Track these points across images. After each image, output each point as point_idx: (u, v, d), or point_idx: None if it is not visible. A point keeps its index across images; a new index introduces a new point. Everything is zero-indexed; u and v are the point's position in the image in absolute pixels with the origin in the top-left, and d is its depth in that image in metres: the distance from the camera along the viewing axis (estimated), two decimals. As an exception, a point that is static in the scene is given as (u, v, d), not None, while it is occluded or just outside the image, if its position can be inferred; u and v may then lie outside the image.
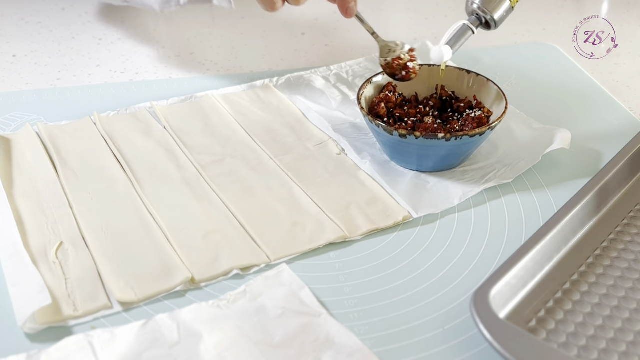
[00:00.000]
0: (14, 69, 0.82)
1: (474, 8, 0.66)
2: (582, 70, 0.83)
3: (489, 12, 0.66)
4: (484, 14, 0.66)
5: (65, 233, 0.56)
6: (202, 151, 0.67)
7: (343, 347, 0.47)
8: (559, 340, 0.48)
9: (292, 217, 0.59)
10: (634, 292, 0.52)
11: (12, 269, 0.52)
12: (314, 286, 0.52)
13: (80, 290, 0.51)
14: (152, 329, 0.48)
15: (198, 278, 0.52)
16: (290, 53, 0.87)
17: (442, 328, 0.50)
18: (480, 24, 0.67)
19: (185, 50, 0.87)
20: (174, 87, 0.78)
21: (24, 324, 0.48)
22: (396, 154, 0.65)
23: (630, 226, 0.59)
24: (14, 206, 0.58)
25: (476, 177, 0.64)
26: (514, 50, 0.89)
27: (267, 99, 0.75)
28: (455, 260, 0.56)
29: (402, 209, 0.60)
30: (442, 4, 1.02)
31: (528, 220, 0.60)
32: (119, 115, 0.71)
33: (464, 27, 0.66)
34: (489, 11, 0.66)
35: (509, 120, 0.71)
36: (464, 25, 0.66)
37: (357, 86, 0.77)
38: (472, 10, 0.67)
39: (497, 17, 0.66)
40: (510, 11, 0.67)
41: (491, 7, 0.66)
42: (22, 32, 0.90)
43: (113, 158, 0.65)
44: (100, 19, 0.93)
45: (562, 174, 0.65)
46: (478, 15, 0.66)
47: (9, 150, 0.65)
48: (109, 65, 0.83)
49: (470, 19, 0.67)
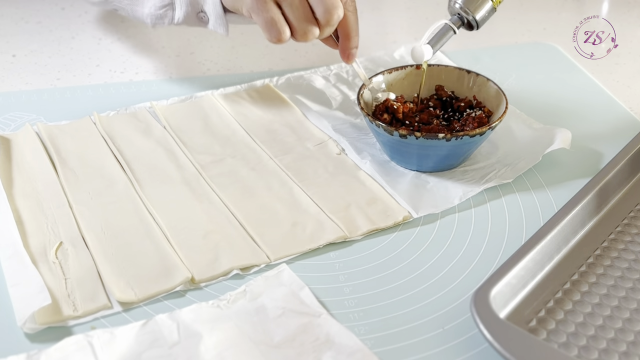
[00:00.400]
0: (14, 68, 0.82)
1: (456, 8, 0.66)
2: (582, 70, 0.83)
3: (471, 13, 0.66)
4: (465, 14, 0.66)
5: (65, 233, 0.56)
6: (202, 151, 0.67)
7: (343, 347, 0.47)
8: (559, 340, 0.48)
9: (292, 217, 0.59)
10: (635, 292, 0.52)
11: (12, 269, 0.52)
12: (314, 286, 0.52)
13: (80, 290, 0.51)
14: (151, 329, 0.48)
15: (198, 278, 0.52)
16: (290, 53, 0.87)
17: (442, 328, 0.49)
18: (462, 24, 0.67)
19: (185, 49, 0.87)
20: (173, 87, 0.78)
21: (24, 324, 0.48)
22: (396, 154, 0.65)
23: (631, 226, 0.59)
24: (13, 206, 0.58)
25: (476, 177, 0.64)
26: (514, 49, 0.89)
27: (267, 98, 0.75)
28: (455, 260, 0.56)
29: (402, 209, 0.60)
30: (442, 3, 1.02)
31: (528, 220, 0.60)
32: (118, 115, 0.71)
33: (446, 27, 0.66)
34: (471, 11, 0.66)
35: (509, 120, 0.71)
36: (446, 24, 0.66)
37: (357, 86, 0.77)
38: (455, 10, 0.66)
39: (478, 18, 0.66)
40: (492, 12, 0.67)
41: (473, 7, 0.66)
42: (22, 31, 0.90)
43: (113, 158, 0.65)
44: (100, 18, 0.93)
45: (562, 174, 0.65)
46: (460, 15, 0.66)
47: (9, 150, 0.65)
48: (108, 65, 0.83)
49: (452, 19, 0.66)
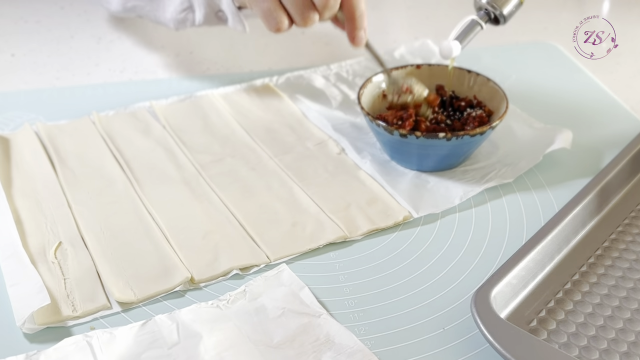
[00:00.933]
0: (13, 68, 0.82)
1: (483, 3, 0.66)
2: (583, 70, 0.83)
3: (499, 8, 0.65)
4: (493, 9, 0.66)
5: (64, 233, 0.56)
6: (201, 151, 0.66)
7: (343, 348, 0.47)
8: (560, 341, 0.48)
9: (292, 217, 0.58)
10: (635, 292, 0.52)
11: (11, 269, 0.52)
12: (314, 286, 0.52)
13: (79, 291, 0.51)
14: (151, 329, 0.48)
15: (197, 278, 0.52)
16: (290, 52, 0.87)
17: (442, 328, 0.49)
18: (489, 20, 0.67)
19: (185, 49, 0.87)
20: (173, 87, 0.78)
21: (23, 324, 0.47)
22: (396, 153, 0.65)
23: (632, 226, 0.59)
24: (12, 206, 0.58)
25: (477, 176, 0.64)
26: (515, 49, 0.89)
27: (266, 98, 0.75)
28: (455, 260, 0.55)
29: (402, 209, 0.60)
30: (442, 2, 1.02)
31: (529, 220, 0.60)
32: (118, 115, 0.71)
33: (473, 22, 0.66)
34: (498, 6, 0.65)
35: (510, 120, 0.71)
36: (473, 20, 0.66)
37: (357, 85, 0.77)
38: (481, 5, 0.66)
39: (506, 12, 0.66)
40: (519, 6, 0.66)
41: (500, 2, 0.66)
42: (21, 31, 0.90)
43: (112, 157, 0.65)
44: (99, 18, 0.93)
45: (563, 174, 0.65)
46: (487, 11, 0.66)
47: (8, 150, 0.65)
48: (108, 65, 0.83)
49: (479, 14, 0.66)
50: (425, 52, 0.84)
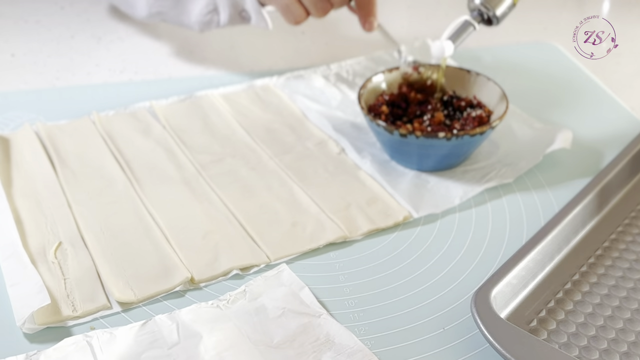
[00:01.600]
0: (13, 68, 0.82)
1: (476, 4, 0.66)
2: (583, 70, 0.83)
3: (492, 9, 0.66)
4: (486, 10, 0.66)
5: (64, 233, 0.56)
6: (201, 151, 0.66)
7: (343, 348, 0.47)
8: (560, 341, 0.48)
9: (292, 216, 0.58)
10: (636, 292, 0.52)
11: (11, 268, 0.52)
12: (314, 286, 0.52)
13: (79, 291, 0.51)
14: (151, 329, 0.48)
15: (197, 278, 0.52)
16: (290, 52, 0.87)
17: (442, 328, 0.49)
18: (482, 20, 0.67)
19: (185, 49, 0.87)
20: (173, 86, 0.78)
21: (23, 324, 0.47)
22: (396, 153, 0.65)
23: (632, 226, 0.59)
24: (12, 206, 0.58)
25: (477, 176, 0.64)
26: (515, 49, 0.89)
27: (266, 98, 0.75)
28: (456, 260, 0.55)
29: (402, 209, 0.60)
30: (442, 2, 1.02)
31: (529, 220, 0.60)
32: (118, 115, 0.71)
33: (466, 23, 0.66)
34: (491, 7, 0.66)
35: (510, 120, 0.71)
36: (466, 21, 0.66)
37: (357, 85, 0.77)
38: (475, 6, 0.67)
39: (499, 14, 0.66)
40: (512, 8, 0.67)
41: (493, 3, 0.66)
42: (21, 30, 0.90)
43: (112, 158, 0.65)
44: (99, 17, 0.93)
45: (563, 174, 0.65)
46: (480, 11, 0.66)
47: (8, 150, 0.65)
48: (108, 65, 0.83)
49: (472, 15, 0.67)
50: (426, 51, 0.84)
